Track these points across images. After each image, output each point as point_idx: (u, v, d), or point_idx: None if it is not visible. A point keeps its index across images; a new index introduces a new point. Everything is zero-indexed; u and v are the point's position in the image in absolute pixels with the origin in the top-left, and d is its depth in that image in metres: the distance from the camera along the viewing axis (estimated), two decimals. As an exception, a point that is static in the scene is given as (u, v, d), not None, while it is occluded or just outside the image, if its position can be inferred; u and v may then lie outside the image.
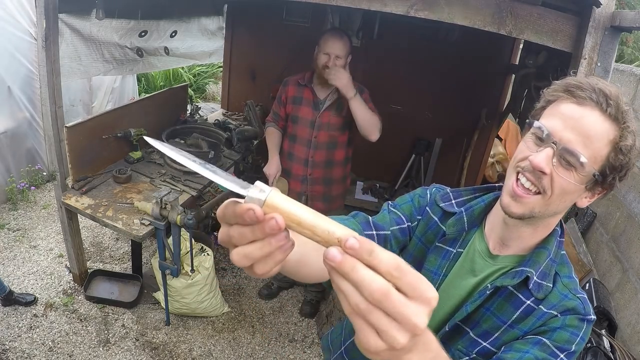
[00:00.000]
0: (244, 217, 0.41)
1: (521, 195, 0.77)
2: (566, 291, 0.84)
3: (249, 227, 0.42)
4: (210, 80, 7.02)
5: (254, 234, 0.42)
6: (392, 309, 0.38)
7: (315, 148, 2.44)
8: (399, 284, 0.39)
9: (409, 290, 0.39)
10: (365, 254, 0.39)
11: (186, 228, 2.19)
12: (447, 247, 0.92)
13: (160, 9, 3.05)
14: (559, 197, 0.76)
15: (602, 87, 0.73)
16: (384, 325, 0.39)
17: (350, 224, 0.90)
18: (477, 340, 0.87)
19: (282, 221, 0.41)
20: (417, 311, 0.39)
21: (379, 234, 0.92)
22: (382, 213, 0.98)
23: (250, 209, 0.40)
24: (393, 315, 0.39)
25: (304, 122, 2.42)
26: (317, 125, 2.40)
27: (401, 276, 0.39)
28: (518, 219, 0.81)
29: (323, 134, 2.41)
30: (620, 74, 2.95)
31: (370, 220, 0.94)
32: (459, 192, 0.98)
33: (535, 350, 0.78)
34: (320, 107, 2.39)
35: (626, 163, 0.74)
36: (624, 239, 2.54)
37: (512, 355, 0.77)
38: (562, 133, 0.73)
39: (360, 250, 0.39)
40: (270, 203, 0.42)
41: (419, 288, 0.40)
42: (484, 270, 0.90)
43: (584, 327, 0.81)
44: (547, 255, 0.84)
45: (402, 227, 0.95)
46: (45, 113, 2.28)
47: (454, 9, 1.68)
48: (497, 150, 4.22)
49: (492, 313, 0.86)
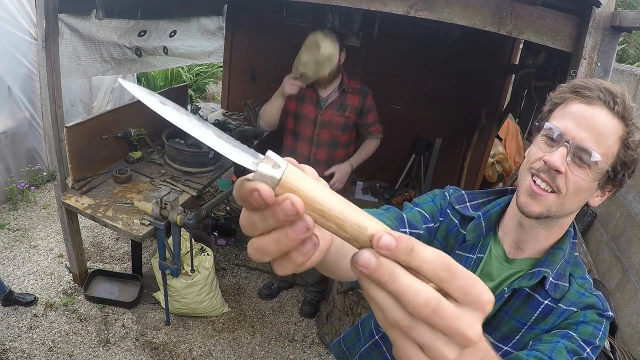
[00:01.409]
0: (250, 201, 0.33)
1: (539, 193, 0.78)
2: (582, 290, 0.85)
3: (259, 213, 0.34)
4: (210, 80, 7.02)
5: (264, 222, 0.33)
6: (442, 323, 0.31)
7: (317, 146, 2.46)
8: (448, 287, 0.32)
9: (461, 295, 0.32)
10: (404, 253, 0.32)
11: (186, 228, 2.19)
12: (467, 254, 0.92)
13: (159, 9, 3.05)
14: (573, 195, 0.77)
15: (608, 86, 0.75)
16: (429, 341, 0.32)
17: (384, 218, 0.87)
18: (498, 345, 0.87)
19: (299, 204, 0.32)
20: (470, 321, 0.32)
21: (412, 232, 0.90)
22: (412, 211, 0.95)
23: (254, 190, 0.32)
24: (442, 330, 0.32)
25: (306, 119, 2.44)
26: (319, 123, 2.42)
27: (451, 279, 0.32)
28: (535, 219, 0.81)
29: (325, 132, 2.44)
30: (621, 74, 2.95)
31: (404, 217, 0.92)
32: (473, 194, 0.98)
33: (564, 341, 0.77)
34: (322, 105, 2.41)
35: (635, 159, 0.76)
36: (624, 239, 2.54)
37: (543, 347, 0.77)
38: (574, 132, 0.75)
39: (397, 249, 0.32)
40: (286, 183, 0.32)
41: (473, 292, 0.32)
42: (501, 274, 0.90)
43: (604, 322, 0.81)
44: (562, 256, 0.85)
45: (429, 226, 0.95)
46: (45, 113, 2.28)
47: (454, 9, 1.68)
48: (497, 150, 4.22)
49: (511, 316, 0.86)
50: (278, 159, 0.33)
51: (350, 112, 2.42)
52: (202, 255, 2.62)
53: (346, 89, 2.39)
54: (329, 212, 0.33)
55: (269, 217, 0.33)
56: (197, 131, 0.35)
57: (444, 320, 0.31)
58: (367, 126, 2.53)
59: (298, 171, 0.34)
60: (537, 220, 0.82)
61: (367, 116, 2.49)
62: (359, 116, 2.47)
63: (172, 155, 2.87)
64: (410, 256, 0.32)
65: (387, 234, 0.32)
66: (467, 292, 0.32)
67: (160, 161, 2.91)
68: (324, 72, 2.26)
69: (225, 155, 0.35)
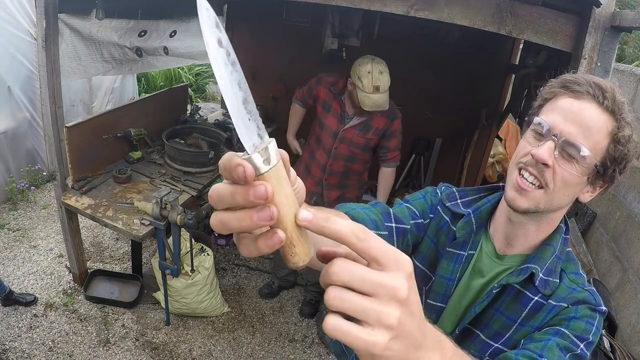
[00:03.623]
0: (231, 173, 0.34)
1: (526, 188, 0.77)
2: (574, 285, 0.84)
3: (231, 188, 0.36)
4: (210, 80, 7.01)
5: (232, 197, 0.35)
6: (368, 275, 0.36)
7: (335, 158, 2.43)
8: (368, 246, 0.36)
9: (379, 253, 0.36)
10: (322, 221, 0.36)
11: (186, 228, 2.19)
12: (458, 250, 0.92)
13: (159, 9, 3.05)
14: (561, 189, 0.77)
15: (598, 81, 0.75)
16: (362, 305, 0.35)
17: (370, 213, 0.89)
18: (488, 342, 0.87)
19: (270, 193, 0.34)
20: (394, 277, 0.36)
21: (398, 227, 0.91)
22: (400, 207, 0.97)
23: (239, 165, 0.34)
24: (369, 287, 0.35)
25: (328, 131, 2.41)
26: (340, 138, 2.38)
27: (367, 237, 0.36)
28: (523, 214, 0.81)
29: (344, 147, 2.40)
30: (620, 74, 2.95)
31: (391, 212, 0.93)
32: (464, 191, 0.98)
33: (556, 338, 0.76)
34: (346, 122, 2.35)
35: (625, 154, 0.75)
36: (624, 239, 2.54)
37: (534, 346, 0.76)
38: (562, 126, 0.74)
39: (315, 218, 0.36)
40: (264, 178, 0.35)
41: (390, 251, 0.37)
42: (491, 270, 0.90)
43: (597, 317, 0.80)
44: (552, 252, 0.84)
45: (418, 222, 0.95)
46: (45, 113, 2.28)
47: (454, 9, 1.68)
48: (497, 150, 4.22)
49: (502, 313, 0.86)
50: (273, 154, 0.36)
51: (373, 134, 2.35)
52: (202, 255, 2.62)
53: (374, 112, 2.27)
54: (282, 218, 0.36)
55: (238, 195, 0.35)
56: (229, 88, 0.35)
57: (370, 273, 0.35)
58: (386, 151, 2.42)
59: (281, 173, 0.37)
60: (525, 215, 0.81)
61: (389, 140, 2.39)
62: (381, 138, 2.39)
63: (172, 155, 2.87)
64: (329, 222, 0.36)
65: (306, 210, 0.37)
66: (385, 251, 0.36)
67: (160, 161, 2.91)
68: (384, 104, 2.18)
69: (233, 123, 0.35)
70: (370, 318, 0.35)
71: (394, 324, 0.35)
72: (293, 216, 0.37)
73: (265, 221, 0.35)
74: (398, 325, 0.36)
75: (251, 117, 0.36)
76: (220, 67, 0.34)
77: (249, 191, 0.34)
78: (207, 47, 0.34)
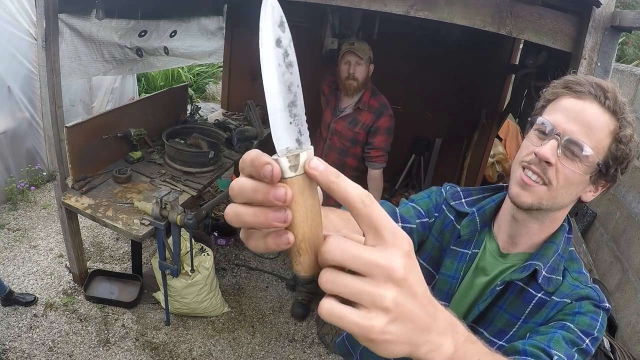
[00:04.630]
0: (258, 169, 0.35)
1: (530, 183, 0.78)
2: (577, 282, 0.84)
3: (253, 184, 0.36)
4: (210, 80, 7.01)
5: (253, 193, 0.36)
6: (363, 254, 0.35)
7: (329, 148, 2.54)
8: (372, 214, 0.36)
9: (380, 224, 0.36)
10: (333, 175, 0.36)
11: (186, 228, 2.19)
12: (462, 249, 0.93)
13: (160, 9, 3.05)
14: (564, 188, 0.78)
15: (599, 82, 0.77)
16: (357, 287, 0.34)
17: None
18: (492, 340, 0.87)
19: (290, 198, 0.35)
20: (390, 255, 0.35)
21: (405, 227, 0.92)
22: (406, 206, 0.98)
23: (268, 164, 0.34)
24: (364, 267, 0.34)
25: (324, 123, 2.56)
26: (332, 130, 2.50)
27: (373, 204, 0.36)
28: (527, 212, 0.82)
29: (336, 139, 2.51)
30: (621, 74, 2.95)
31: (397, 212, 0.94)
32: (469, 191, 1.00)
33: (562, 331, 0.77)
34: (337, 114, 2.47)
35: (627, 154, 0.77)
36: (624, 239, 2.53)
37: (541, 338, 0.76)
38: (565, 125, 0.76)
39: (326, 171, 0.35)
40: (287, 183, 0.36)
41: (390, 224, 0.36)
42: (494, 268, 0.91)
43: (601, 314, 0.81)
44: (555, 250, 0.85)
45: (423, 221, 0.97)
46: (45, 113, 2.28)
47: (454, 9, 1.68)
48: (497, 150, 4.22)
49: (505, 310, 0.87)
50: (302, 162, 0.36)
51: (360, 129, 2.41)
52: (202, 255, 2.62)
53: (361, 107, 2.38)
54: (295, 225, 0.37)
55: (259, 193, 0.35)
56: (276, 88, 0.36)
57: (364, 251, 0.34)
58: (370, 147, 2.41)
59: (306, 184, 0.36)
60: (529, 213, 0.83)
61: (374, 136, 2.39)
62: (368, 134, 2.40)
63: (172, 155, 2.87)
64: (339, 179, 0.36)
65: (316, 159, 0.36)
66: (386, 223, 0.36)
67: (160, 161, 2.91)
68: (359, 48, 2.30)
69: (271, 124, 0.36)
70: (365, 300, 0.34)
71: (390, 305, 0.34)
72: (308, 228, 0.37)
73: (277, 222, 0.36)
74: (395, 307, 0.34)
75: (294, 121, 0.37)
76: (271, 67, 0.36)
77: (270, 191, 0.35)
78: (260, 44, 0.35)
